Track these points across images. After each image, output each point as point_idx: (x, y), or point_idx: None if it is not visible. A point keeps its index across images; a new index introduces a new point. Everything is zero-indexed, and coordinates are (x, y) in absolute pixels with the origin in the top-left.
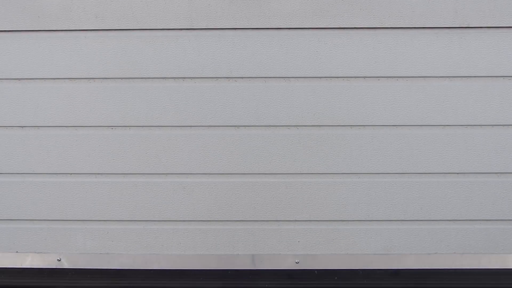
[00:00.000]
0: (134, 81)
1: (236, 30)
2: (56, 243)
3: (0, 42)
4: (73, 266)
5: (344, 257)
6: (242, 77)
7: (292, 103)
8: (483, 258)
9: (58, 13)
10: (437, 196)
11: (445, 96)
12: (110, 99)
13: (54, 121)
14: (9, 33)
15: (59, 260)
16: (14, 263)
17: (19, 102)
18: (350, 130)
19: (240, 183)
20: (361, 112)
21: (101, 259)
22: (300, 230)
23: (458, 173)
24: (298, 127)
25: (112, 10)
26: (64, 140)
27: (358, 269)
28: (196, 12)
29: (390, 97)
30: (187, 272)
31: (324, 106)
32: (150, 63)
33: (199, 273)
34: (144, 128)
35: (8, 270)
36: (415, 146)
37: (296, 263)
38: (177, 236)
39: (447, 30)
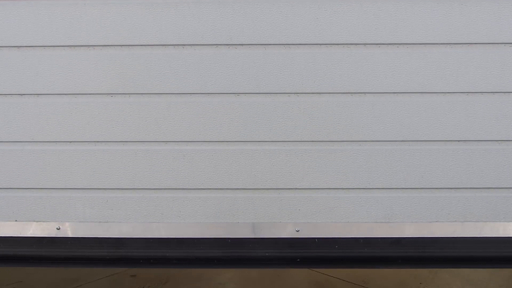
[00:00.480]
0: (134, 48)
1: None
2: (55, 211)
3: None
4: (72, 234)
5: (344, 226)
6: (242, 44)
7: (292, 70)
8: (485, 227)
9: None
10: (437, 164)
11: (445, 63)
12: (109, 66)
13: (54, 88)
14: (8, 1)
15: (58, 229)
16: (13, 232)
17: (18, 70)
18: (350, 97)
19: (240, 151)
20: (361, 79)
21: (100, 228)
22: (301, 198)
23: (459, 140)
24: (298, 94)
25: None
26: (63, 108)
27: (358, 237)
28: None
29: (391, 64)
30: (187, 241)
31: (324, 73)
32: (150, 30)
33: (198, 241)
34: (144, 96)
35: (7, 239)
36: (415, 114)
37: (297, 231)
38: (177, 204)
39: None
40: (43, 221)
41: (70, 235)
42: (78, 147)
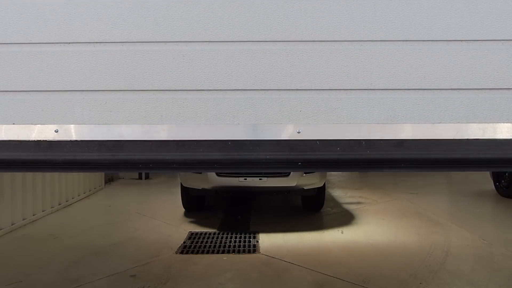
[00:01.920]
0: None
1: None
2: (53, 114)
3: None
4: (70, 137)
5: (346, 127)
6: None
7: None
8: (488, 128)
9: None
10: (440, 64)
11: None
12: None
13: None
14: None
15: (57, 132)
16: (11, 136)
17: None
18: None
19: (241, 51)
20: None
21: (99, 130)
22: (302, 100)
23: (461, 40)
24: None
25: None
26: (62, 8)
27: (360, 139)
28: None
29: None
30: (187, 143)
31: None
32: None
33: (198, 144)
34: None
35: (5, 143)
36: (418, 12)
37: (298, 133)
38: (176, 106)
39: None
40: (41, 124)
41: (68, 138)
42: (77, 48)
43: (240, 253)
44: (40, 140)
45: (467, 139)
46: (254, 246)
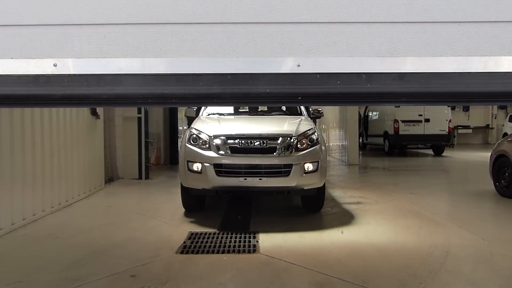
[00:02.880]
0: None
1: None
2: (52, 48)
3: None
4: (69, 72)
5: (346, 60)
6: None
7: None
8: (489, 61)
9: None
10: None
11: None
12: None
13: None
14: None
15: (55, 66)
16: (9, 70)
17: None
18: None
19: None
20: None
21: (98, 64)
22: (302, 32)
23: None
24: None
25: None
26: None
27: (361, 72)
28: None
29: None
30: (186, 77)
31: None
32: None
33: (197, 77)
34: None
35: (3, 78)
36: None
37: (298, 66)
38: (176, 39)
39: None
40: (40, 58)
41: (67, 72)
42: None
43: (240, 253)
44: (38, 75)
45: (468, 72)
46: (254, 246)
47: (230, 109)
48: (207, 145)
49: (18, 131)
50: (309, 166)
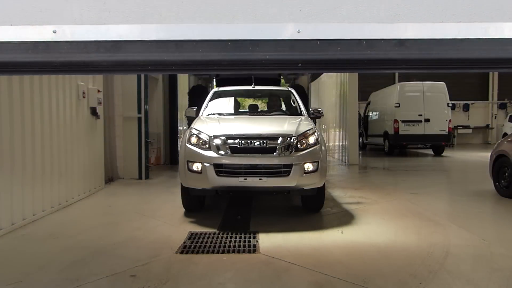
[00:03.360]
0: None
1: None
2: (51, 14)
3: None
4: (69, 38)
5: (347, 27)
6: None
7: None
8: (490, 27)
9: None
10: None
11: None
12: None
13: None
14: None
15: (55, 32)
16: (8, 37)
17: None
18: None
19: None
20: None
21: (97, 31)
22: None
23: None
24: None
25: None
26: None
27: (361, 39)
28: None
29: None
30: (185, 43)
31: None
32: None
33: (198, 44)
34: None
35: (3, 45)
36: None
37: (298, 32)
38: (175, 5)
39: None
40: (39, 25)
41: (66, 38)
42: None
43: (240, 253)
44: (38, 41)
45: (469, 38)
46: (254, 246)
47: (230, 109)
48: (207, 145)
49: (18, 131)
50: (309, 166)
